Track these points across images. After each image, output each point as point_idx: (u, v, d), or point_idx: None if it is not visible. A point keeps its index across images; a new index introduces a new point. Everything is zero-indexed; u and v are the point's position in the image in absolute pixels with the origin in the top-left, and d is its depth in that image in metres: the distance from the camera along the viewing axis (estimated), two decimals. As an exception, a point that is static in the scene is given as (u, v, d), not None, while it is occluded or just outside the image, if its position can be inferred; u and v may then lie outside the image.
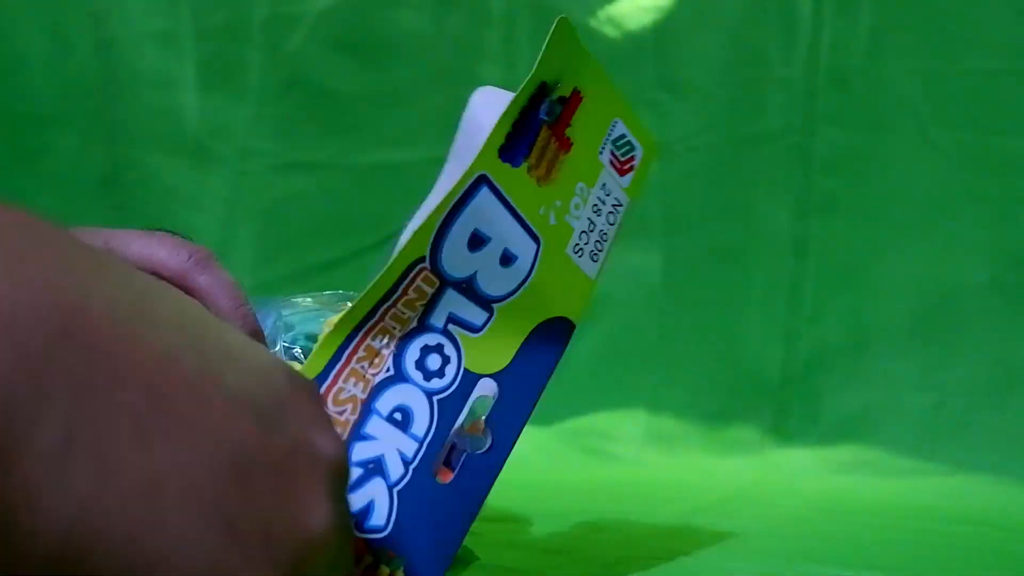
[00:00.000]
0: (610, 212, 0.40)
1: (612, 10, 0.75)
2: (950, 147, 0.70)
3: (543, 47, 0.37)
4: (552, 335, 0.39)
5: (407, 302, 0.35)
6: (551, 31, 0.37)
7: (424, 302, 0.36)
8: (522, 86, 0.36)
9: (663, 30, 0.75)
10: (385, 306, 0.35)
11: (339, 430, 0.33)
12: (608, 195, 0.40)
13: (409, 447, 0.36)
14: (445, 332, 0.37)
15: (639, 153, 0.41)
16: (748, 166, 0.75)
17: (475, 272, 0.36)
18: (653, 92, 0.75)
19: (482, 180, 0.36)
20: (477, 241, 0.36)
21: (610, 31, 0.76)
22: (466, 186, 0.35)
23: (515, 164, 0.36)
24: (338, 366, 0.35)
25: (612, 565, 0.49)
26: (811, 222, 0.73)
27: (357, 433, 0.35)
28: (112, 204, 0.82)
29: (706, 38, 0.75)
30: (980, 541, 0.55)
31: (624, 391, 0.75)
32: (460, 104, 0.85)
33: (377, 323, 0.35)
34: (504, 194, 0.36)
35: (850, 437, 0.70)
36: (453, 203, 0.35)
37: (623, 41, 0.75)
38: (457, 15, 0.78)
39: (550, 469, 0.55)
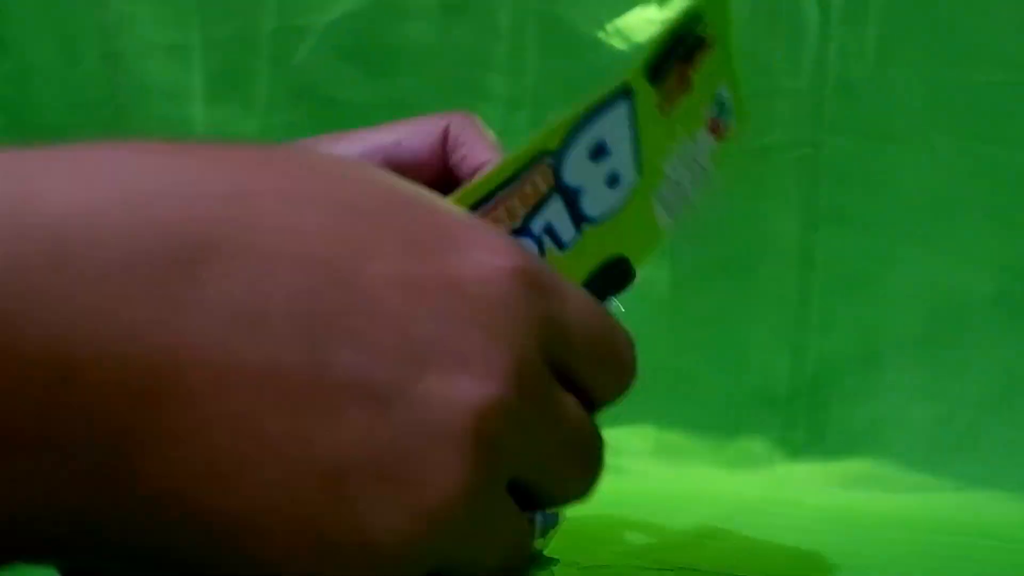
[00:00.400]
0: (696, 172, 0.39)
1: (620, 23, 0.75)
2: (958, 158, 0.70)
3: None
4: (616, 274, 0.37)
5: (523, 196, 0.33)
6: None
7: (535, 201, 0.34)
8: (683, 9, 0.35)
9: (670, 42, 0.75)
10: (504, 192, 0.33)
11: None
12: (700, 154, 0.39)
13: None
14: (538, 240, 0.35)
15: (734, 124, 0.40)
16: (755, 177, 0.74)
17: (583, 184, 0.34)
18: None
19: (627, 92, 0.34)
20: (599, 152, 0.34)
21: (618, 44, 0.76)
22: (610, 92, 0.34)
23: (653, 85, 0.35)
24: None
25: (619, 578, 0.49)
26: (819, 233, 0.73)
27: None
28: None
29: (713, 50, 0.75)
30: (989, 554, 0.55)
31: (632, 404, 0.74)
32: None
33: (491, 210, 0.34)
34: (636, 114, 0.35)
35: (858, 449, 0.70)
36: (595, 105, 0.34)
37: (629, 53, 0.75)
38: (465, 26, 0.78)
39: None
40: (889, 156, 0.72)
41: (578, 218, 0.35)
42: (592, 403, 0.31)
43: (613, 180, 0.35)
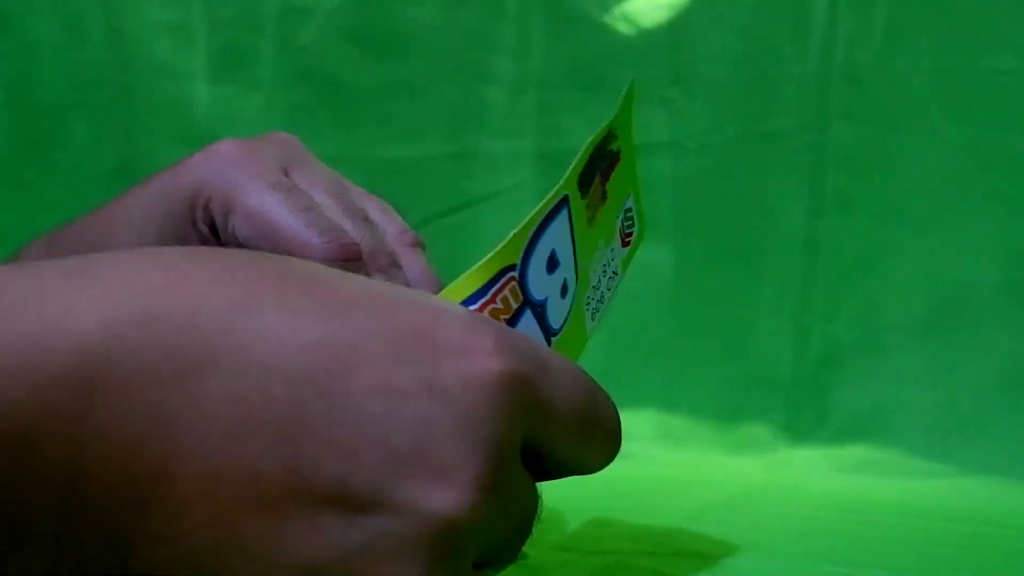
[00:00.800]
0: (610, 277, 0.40)
1: (626, 7, 0.75)
2: (964, 145, 0.70)
3: (620, 100, 0.37)
4: None
5: (493, 311, 0.33)
6: (625, 90, 0.37)
7: (508, 317, 0.34)
8: (602, 125, 0.36)
9: (677, 27, 0.75)
10: (472, 308, 0.33)
11: None
12: (612, 260, 0.40)
13: None
14: None
15: (636, 233, 0.42)
16: (761, 163, 0.74)
17: (547, 297, 0.35)
18: (666, 89, 0.75)
19: (565, 202, 0.35)
20: (553, 263, 0.35)
21: (624, 28, 0.75)
22: (555, 202, 0.34)
23: (583, 196, 0.36)
24: None
25: (621, 562, 0.49)
26: (824, 219, 0.73)
27: None
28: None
29: (719, 35, 0.75)
30: (992, 541, 0.55)
31: (635, 388, 0.75)
32: (473, 98, 0.85)
33: None
34: (573, 223, 0.35)
35: (861, 435, 0.70)
36: (544, 216, 0.34)
37: (637, 38, 0.75)
38: (470, 9, 0.78)
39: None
40: (895, 142, 0.72)
41: (547, 332, 0.35)
42: (563, 472, 0.32)
43: (565, 290, 0.36)
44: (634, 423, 0.74)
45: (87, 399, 0.24)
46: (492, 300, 0.33)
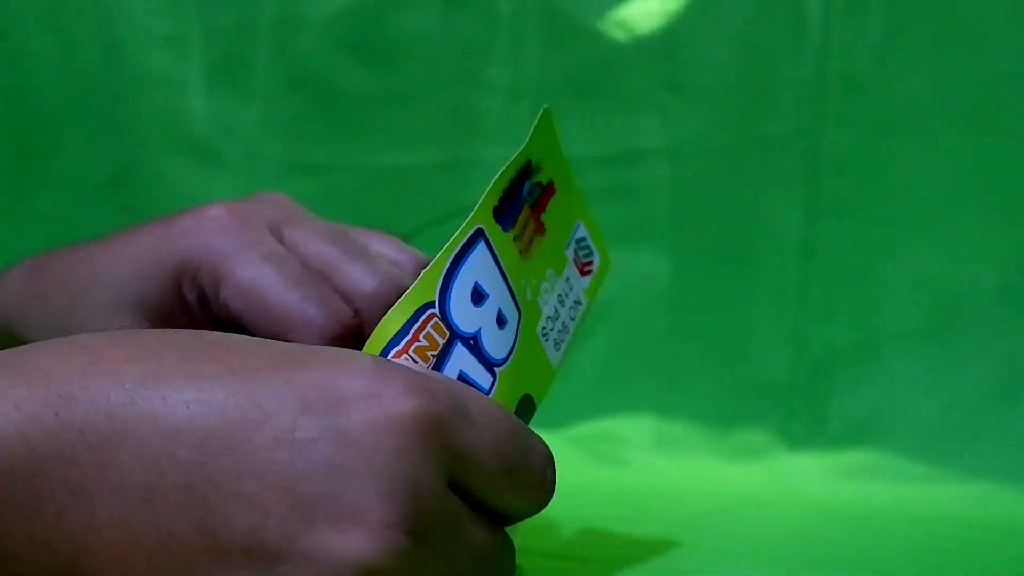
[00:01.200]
0: (572, 307, 0.40)
1: (620, 13, 0.75)
2: (961, 150, 0.70)
3: (531, 128, 0.37)
4: (528, 411, 0.38)
5: (419, 350, 0.33)
6: (538, 117, 0.38)
7: (436, 353, 0.34)
8: (512, 158, 0.36)
9: (671, 33, 0.75)
10: (396, 350, 0.33)
11: None
12: (571, 290, 0.40)
13: None
14: None
15: (596, 260, 0.42)
16: (757, 168, 0.74)
17: (479, 329, 0.35)
18: (661, 95, 0.75)
19: (480, 234, 0.35)
20: (478, 295, 0.35)
21: (618, 34, 0.75)
22: (467, 235, 0.35)
23: (504, 228, 0.36)
24: None
25: (618, 570, 0.49)
26: (820, 224, 0.73)
27: None
28: (119, 205, 0.82)
29: (714, 40, 0.75)
30: (992, 546, 0.55)
31: (631, 395, 0.75)
32: (468, 107, 0.85)
33: None
34: (497, 254, 0.35)
35: (859, 441, 0.70)
36: (457, 250, 0.34)
37: (631, 45, 0.75)
38: (465, 17, 0.78)
39: (557, 473, 0.55)
40: (892, 147, 0.72)
41: (488, 363, 0.35)
42: (506, 518, 0.32)
43: (501, 320, 0.35)
44: (631, 430, 0.74)
45: (7, 483, 0.26)
46: (415, 339, 0.33)
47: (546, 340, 0.38)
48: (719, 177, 0.75)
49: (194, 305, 0.41)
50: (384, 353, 0.33)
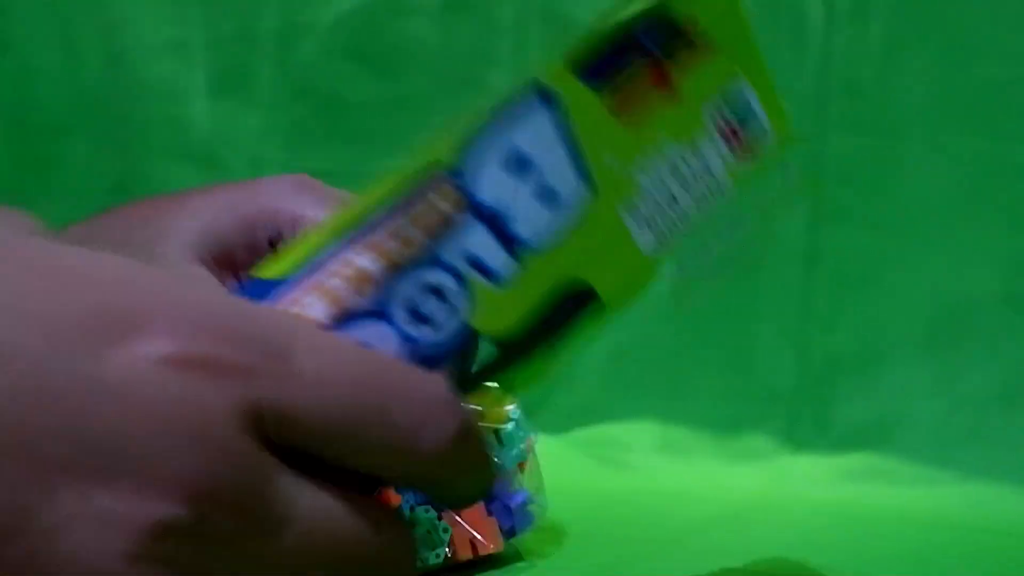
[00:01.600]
0: (702, 194, 0.33)
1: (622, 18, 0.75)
2: (964, 155, 0.70)
3: None
4: (572, 304, 0.31)
5: (418, 218, 0.28)
6: None
7: (440, 225, 0.28)
8: (639, 5, 0.30)
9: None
10: (390, 218, 0.28)
11: None
12: (705, 170, 0.33)
13: None
14: (457, 274, 0.28)
15: (765, 135, 0.34)
16: (759, 175, 0.74)
17: (509, 203, 0.29)
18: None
19: (541, 92, 0.29)
20: (518, 163, 0.29)
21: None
22: (518, 92, 0.29)
23: (591, 86, 0.30)
24: (305, 277, 0.28)
25: (624, 572, 0.49)
26: (823, 231, 0.73)
27: None
28: (123, 213, 0.82)
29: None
30: (995, 550, 0.55)
31: (635, 400, 0.75)
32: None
33: (375, 238, 0.28)
34: (568, 118, 0.29)
35: (863, 446, 0.70)
36: (498, 111, 0.29)
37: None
38: (467, 23, 0.78)
39: (561, 478, 0.55)
40: (895, 154, 0.72)
41: (511, 244, 0.29)
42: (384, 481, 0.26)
43: (548, 197, 0.29)
44: (635, 435, 0.74)
45: None
46: (416, 205, 0.28)
47: (637, 224, 0.31)
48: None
49: (265, 250, 0.39)
50: (374, 215, 0.28)
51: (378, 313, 0.28)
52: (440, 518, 0.46)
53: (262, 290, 0.27)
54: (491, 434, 0.49)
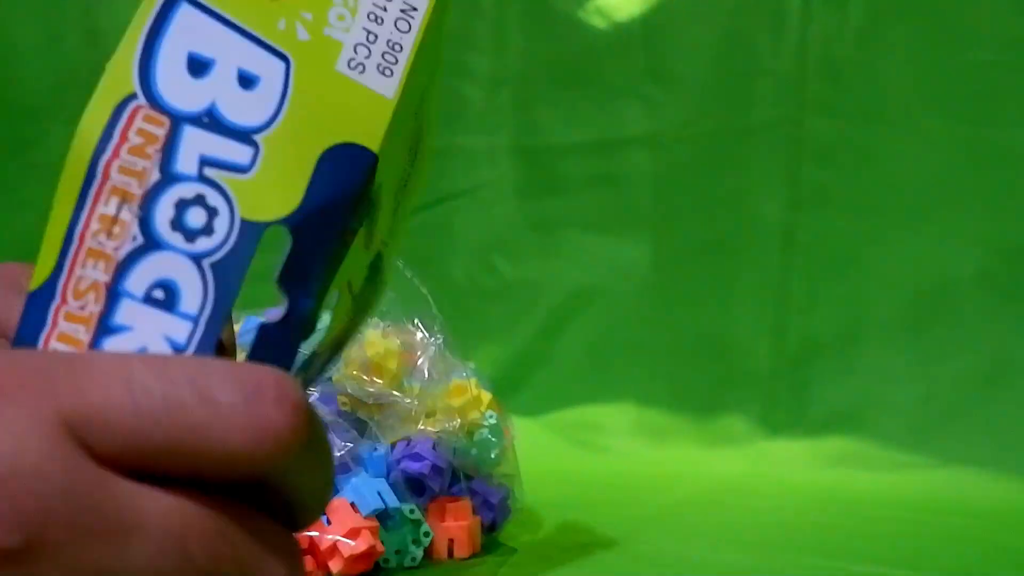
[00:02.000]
0: (399, 18, 0.33)
1: (601, 2, 0.75)
2: (941, 138, 0.70)
3: None
4: (347, 163, 0.29)
5: (133, 149, 0.27)
6: None
7: (157, 147, 0.27)
8: None
9: (652, 22, 0.75)
10: (104, 158, 0.27)
11: (81, 329, 0.26)
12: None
13: (180, 329, 0.27)
14: (202, 178, 0.28)
15: None
16: (738, 157, 0.74)
17: (212, 101, 0.28)
18: (643, 84, 0.75)
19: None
20: (199, 66, 0.28)
21: (599, 23, 0.75)
22: (156, 7, 0.30)
23: None
24: (72, 250, 0.27)
25: (602, 556, 0.49)
26: (801, 213, 0.73)
27: (104, 326, 0.26)
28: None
29: (695, 30, 0.75)
30: (969, 532, 0.55)
31: (613, 383, 0.75)
32: (451, 94, 0.85)
33: (102, 182, 0.27)
34: (214, 8, 0.31)
35: (839, 429, 0.70)
36: (148, 26, 0.30)
37: (612, 33, 0.75)
38: (447, 5, 0.78)
39: (539, 461, 0.55)
40: (873, 136, 0.72)
41: (239, 134, 0.28)
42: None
43: (245, 80, 0.28)
44: (612, 418, 0.74)
45: None
46: (123, 139, 0.28)
47: (361, 72, 0.32)
48: (700, 166, 0.75)
49: None
50: (91, 168, 0.28)
51: (154, 245, 0.27)
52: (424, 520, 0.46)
53: (42, 298, 0.27)
54: (470, 438, 0.49)
